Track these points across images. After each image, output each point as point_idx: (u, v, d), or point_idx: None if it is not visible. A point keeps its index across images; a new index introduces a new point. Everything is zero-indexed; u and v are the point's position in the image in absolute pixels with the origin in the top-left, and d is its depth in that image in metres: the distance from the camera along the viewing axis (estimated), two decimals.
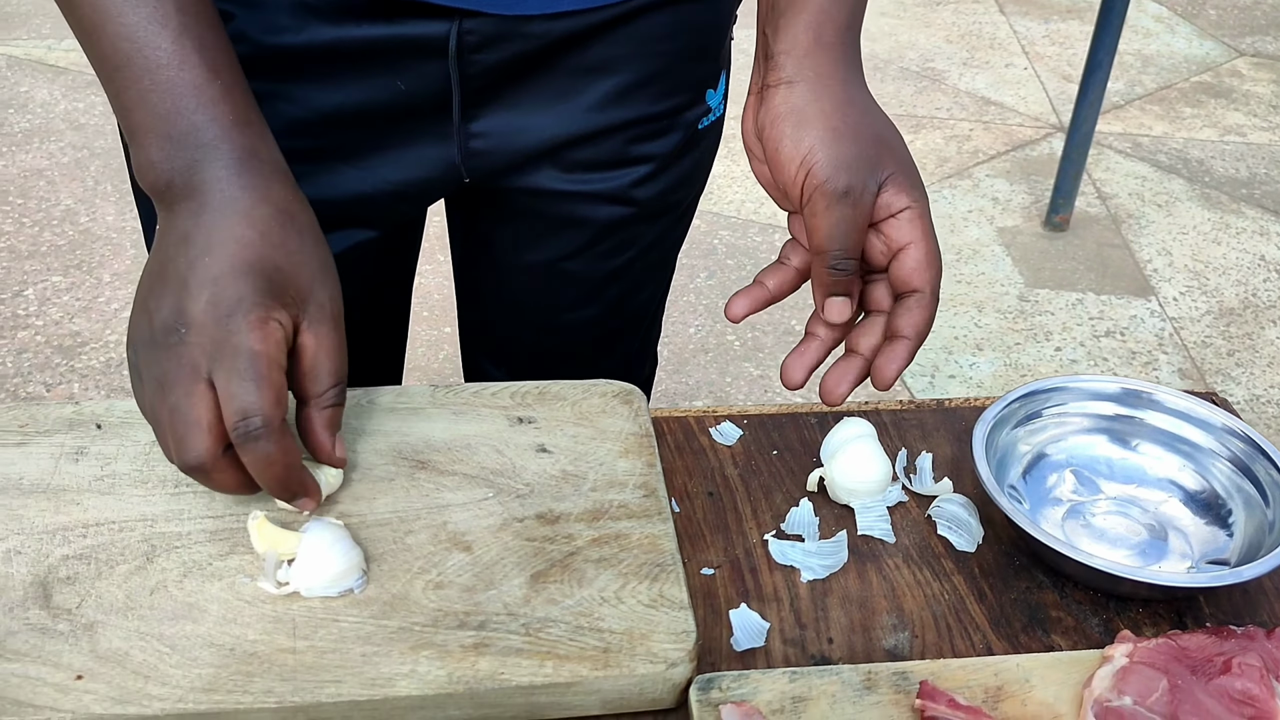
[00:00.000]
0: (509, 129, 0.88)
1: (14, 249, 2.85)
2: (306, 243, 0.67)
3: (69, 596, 0.64)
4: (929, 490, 0.79)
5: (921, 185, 0.74)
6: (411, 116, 0.85)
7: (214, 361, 0.63)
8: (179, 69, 0.65)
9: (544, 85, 0.86)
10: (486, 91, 0.85)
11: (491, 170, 0.90)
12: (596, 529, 0.71)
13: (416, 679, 0.61)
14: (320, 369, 0.67)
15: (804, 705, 0.63)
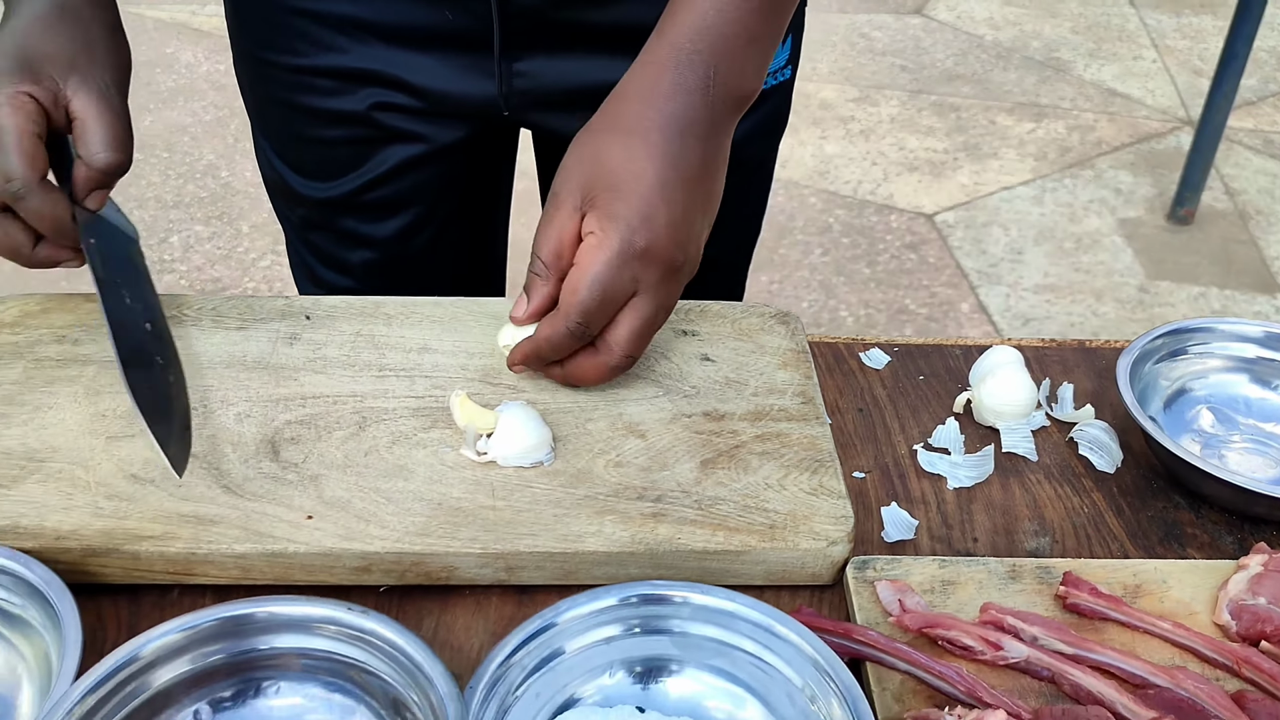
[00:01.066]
0: (550, 71, 0.93)
1: (160, 199, 3.02)
2: (76, 33, 0.78)
3: (294, 454, 0.73)
4: (1070, 417, 0.83)
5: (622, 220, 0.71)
6: (457, 45, 0.92)
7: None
8: None
9: (589, 35, 0.91)
10: (528, 34, 0.91)
11: (530, 108, 0.95)
12: (759, 428, 0.77)
13: (603, 538, 0.68)
14: (88, 131, 0.76)
15: (952, 588, 0.68)
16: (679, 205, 0.72)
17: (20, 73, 0.74)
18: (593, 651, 0.61)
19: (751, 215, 1.13)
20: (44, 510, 0.68)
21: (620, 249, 0.70)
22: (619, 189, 0.71)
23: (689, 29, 0.72)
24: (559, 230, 0.73)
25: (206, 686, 0.59)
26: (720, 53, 0.72)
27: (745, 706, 0.60)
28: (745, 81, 0.75)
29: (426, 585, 0.68)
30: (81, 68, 0.76)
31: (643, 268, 0.71)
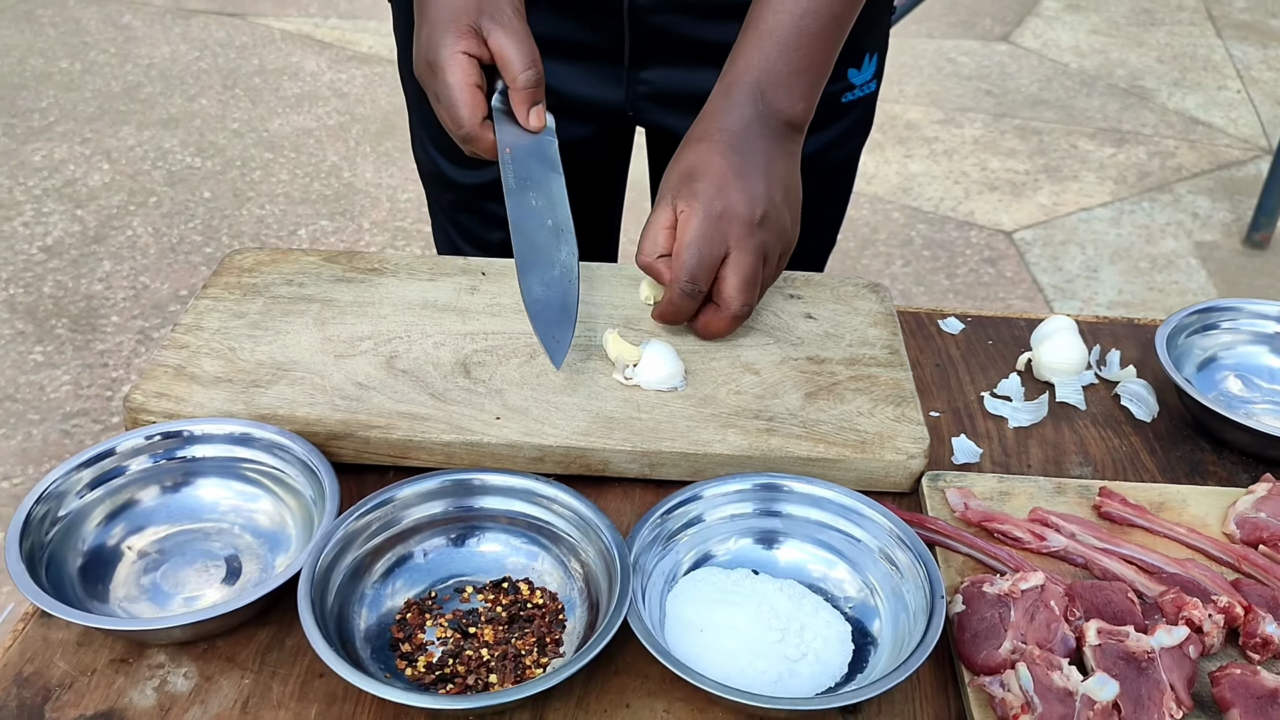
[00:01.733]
0: (669, 79, 1.13)
1: (289, 195, 3.27)
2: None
3: (482, 373, 0.92)
4: (1115, 376, 0.99)
5: (700, 197, 0.90)
6: (592, 57, 1.11)
7: (440, 96, 0.93)
8: None
9: (702, 49, 1.10)
10: (653, 48, 1.10)
11: (651, 110, 1.15)
12: (853, 370, 0.94)
13: (727, 444, 0.85)
14: (509, 62, 0.92)
15: (1008, 498, 0.84)
16: (749, 179, 0.91)
17: (452, 32, 0.91)
18: (725, 521, 0.79)
19: (834, 210, 1.30)
20: (294, 405, 0.87)
21: (704, 214, 0.89)
22: (696, 177, 0.91)
23: (741, 67, 0.94)
24: (653, 224, 0.93)
25: (430, 532, 0.78)
26: (765, 85, 0.94)
27: (836, 568, 0.77)
28: (792, 105, 0.95)
29: (586, 475, 0.86)
30: (488, 9, 0.92)
31: (727, 225, 0.89)
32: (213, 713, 0.69)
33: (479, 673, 0.71)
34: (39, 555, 0.73)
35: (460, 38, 0.91)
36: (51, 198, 3.19)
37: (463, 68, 0.91)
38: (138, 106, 3.69)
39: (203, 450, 0.82)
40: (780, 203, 0.93)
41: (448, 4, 0.93)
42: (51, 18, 4.27)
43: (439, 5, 0.93)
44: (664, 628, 0.74)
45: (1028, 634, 0.71)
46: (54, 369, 2.56)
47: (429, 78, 0.94)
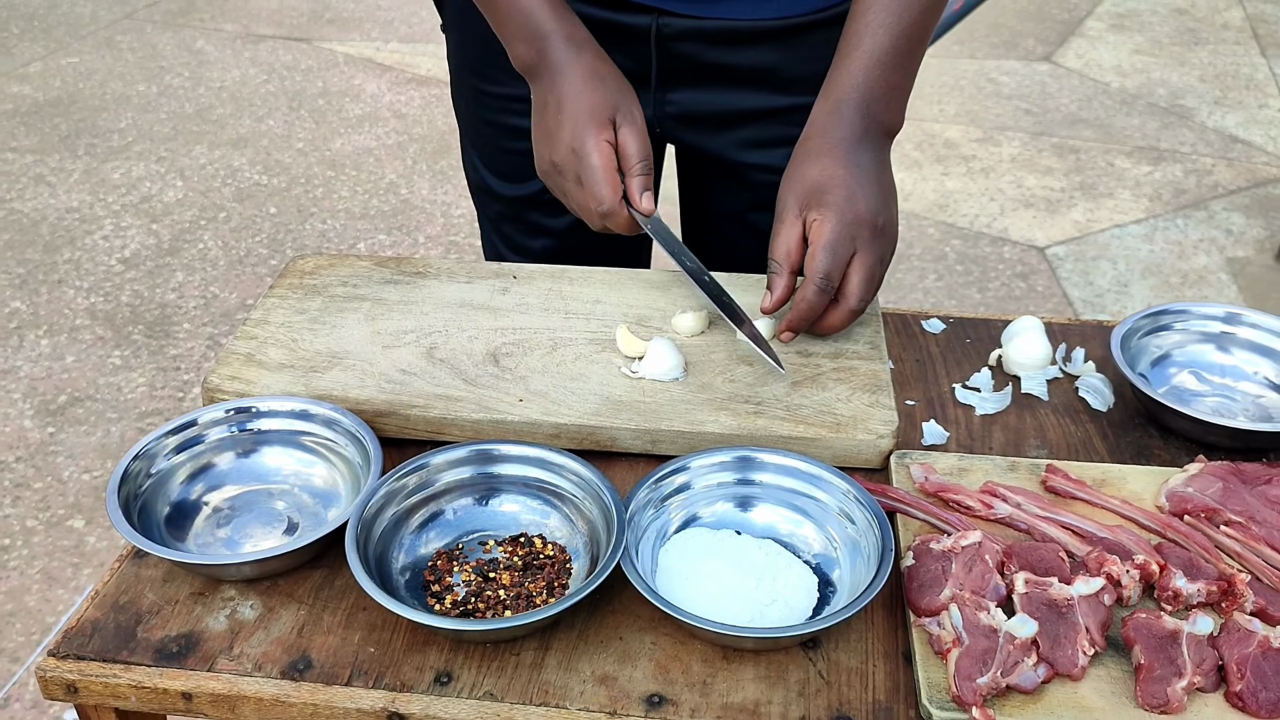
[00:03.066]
0: (694, 102, 1.25)
1: (350, 210, 3.46)
2: (609, 84, 1.09)
3: (509, 362, 1.05)
4: (1078, 371, 1.10)
5: (834, 208, 1.02)
6: None
7: (585, 178, 1.07)
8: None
9: (721, 73, 1.23)
10: (679, 73, 1.23)
11: (678, 129, 1.28)
12: (836, 363, 1.06)
13: (719, 424, 0.98)
14: (630, 153, 1.07)
15: (966, 474, 0.96)
16: (868, 187, 1.04)
17: (597, 124, 1.07)
18: (709, 488, 0.91)
19: None
20: (346, 386, 1.01)
21: (838, 220, 1.02)
22: (825, 189, 1.04)
23: (847, 85, 1.07)
24: (786, 235, 1.04)
25: (459, 493, 0.91)
26: (870, 100, 1.07)
27: (802, 526, 0.90)
28: (891, 116, 1.09)
29: (596, 450, 0.99)
30: (620, 108, 1.08)
31: (857, 229, 1.02)
32: (274, 636, 0.83)
33: (496, 610, 0.84)
34: (133, 505, 0.88)
35: (602, 129, 1.07)
36: (129, 213, 3.40)
37: (606, 154, 1.06)
38: (209, 127, 3.90)
39: (268, 424, 0.96)
40: (892, 208, 1.08)
41: (588, 101, 1.08)
42: (130, 43, 4.52)
43: (578, 102, 1.08)
44: (655, 576, 0.86)
45: (965, 583, 0.82)
46: (130, 371, 2.76)
47: (570, 162, 1.08)
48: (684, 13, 1.18)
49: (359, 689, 0.79)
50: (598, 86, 1.09)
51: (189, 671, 0.80)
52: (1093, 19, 4.94)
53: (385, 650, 0.82)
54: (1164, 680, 0.76)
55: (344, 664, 0.81)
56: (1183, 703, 0.75)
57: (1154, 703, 0.75)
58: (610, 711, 0.78)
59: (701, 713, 0.78)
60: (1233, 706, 0.76)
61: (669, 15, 1.19)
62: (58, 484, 2.42)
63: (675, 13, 1.18)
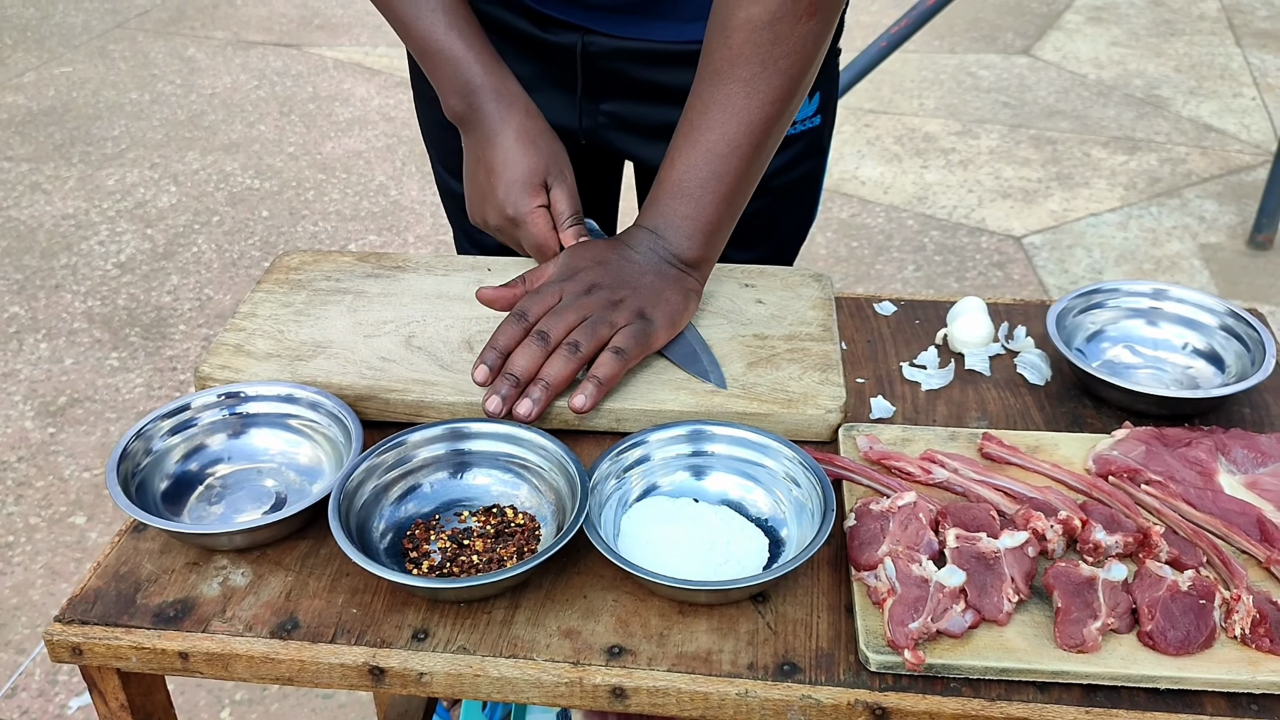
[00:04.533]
0: (619, 114, 1.31)
1: (340, 212, 3.52)
2: (540, 146, 1.15)
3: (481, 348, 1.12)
4: (1018, 347, 1.17)
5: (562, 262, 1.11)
6: (551, 86, 1.30)
7: (517, 241, 1.16)
8: (451, 49, 1.16)
9: (645, 89, 1.28)
10: (604, 87, 1.29)
11: (602, 140, 1.34)
12: (790, 344, 1.13)
13: (678, 402, 1.05)
14: (561, 210, 1.14)
15: (909, 443, 1.03)
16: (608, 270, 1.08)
17: (531, 190, 1.14)
18: (667, 460, 0.98)
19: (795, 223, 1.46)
20: (329, 373, 1.08)
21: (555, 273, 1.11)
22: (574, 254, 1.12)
23: (646, 210, 1.12)
24: None
25: (434, 467, 0.98)
26: (657, 225, 1.10)
27: (752, 491, 0.96)
28: (681, 244, 1.09)
29: (564, 429, 1.06)
30: (551, 170, 1.15)
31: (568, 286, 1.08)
32: (263, 600, 0.90)
33: (470, 573, 0.91)
34: (131, 481, 0.95)
35: (535, 195, 1.14)
36: (124, 218, 3.47)
37: (543, 222, 1.14)
38: (201, 133, 3.97)
39: (257, 407, 1.03)
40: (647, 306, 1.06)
41: (521, 167, 1.14)
42: (122, 52, 4.59)
43: (513, 168, 1.14)
44: (617, 541, 0.93)
45: (901, 540, 0.89)
46: (128, 373, 2.82)
47: (508, 228, 1.16)
48: (608, 32, 1.24)
49: (342, 646, 0.86)
50: (529, 150, 1.14)
51: (185, 633, 0.87)
52: (1071, 12, 5.01)
53: (366, 611, 0.89)
54: (1080, 622, 0.83)
55: (328, 624, 0.88)
56: (1097, 642, 0.82)
57: (1071, 643, 0.82)
58: (574, 662, 0.85)
59: (658, 661, 0.85)
60: (1144, 645, 0.83)
61: (593, 34, 1.25)
62: (59, 482, 2.48)
63: (599, 32, 1.24)
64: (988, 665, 0.82)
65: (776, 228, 1.43)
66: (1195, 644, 0.82)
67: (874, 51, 3.07)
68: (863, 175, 3.71)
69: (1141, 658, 0.82)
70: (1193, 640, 0.82)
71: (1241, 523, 0.92)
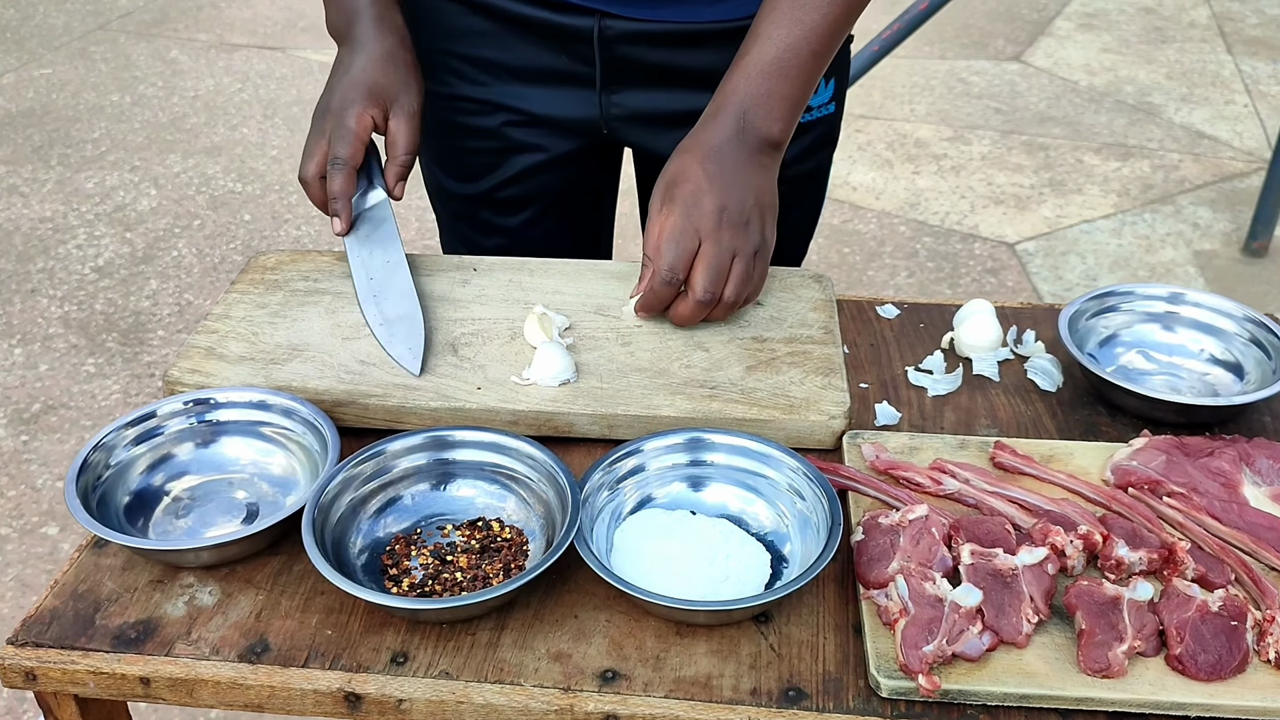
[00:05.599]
0: (640, 102, 1.26)
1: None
2: (399, 72, 1.15)
3: (468, 352, 1.06)
4: (1028, 351, 1.12)
5: (677, 200, 1.05)
6: (568, 82, 1.25)
7: (333, 132, 1.13)
8: None
9: (666, 74, 1.23)
10: (624, 73, 1.24)
11: (625, 128, 1.29)
12: (791, 348, 1.08)
13: (674, 408, 0.99)
14: (397, 140, 1.14)
15: (916, 452, 0.97)
16: (719, 184, 1.05)
17: (368, 98, 1.13)
18: (663, 470, 0.93)
19: (806, 215, 1.43)
20: (306, 378, 1.02)
21: (681, 214, 1.04)
22: (677, 183, 1.06)
23: (728, 91, 1.08)
24: (650, 230, 1.06)
25: (416, 478, 0.92)
26: (748, 107, 1.07)
27: (753, 504, 0.91)
28: (771, 126, 1.08)
29: (554, 436, 1.00)
30: (400, 97, 1.15)
31: (699, 220, 1.03)
32: (232, 621, 0.84)
33: (453, 591, 0.85)
34: (92, 495, 0.89)
35: (373, 105, 1.13)
36: (103, 222, 3.40)
37: (364, 125, 1.13)
38: (183, 136, 3.90)
39: (227, 414, 0.97)
40: (750, 207, 1.07)
41: (372, 77, 1.14)
42: (103, 54, 4.51)
43: (363, 74, 1.14)
44: (610, 556, 0.88)
45: (912, 555, 0.84)
46: (104, 379, 2.75)
47: (324, 120, 1.14)
48: (625, 15, 1.19)
49: (316, 670, 0.80)
50: (387, 69, 1.15)
51: (147, 656, 0.81)
52: (1061, 19, 4.99)
53: (342, 633, 0.83)
54: (1105, 645, 0.78)
55: (301, 646, 0.82)
56: (1123, 666, 0.77)
57: (1096, 667, 0.77)
58: (564, 687, 0.79)
59: (655, 687, 0.79)
60: (1173, 669, 0.78)
61: (611, 17, 1.20)
62: (31, 492, 2.41)
63: (617, 15, 1.19)
64: (1007, 691, 0.77)
65: (785, 223, 1.38)
66: (1227, 669, 0.77)
67: (865, 56, 3.02)
68: (854, 181, 3.67)
69: (1170, 683, 0.77)
70: (1225, 665, 0.77)
71: (1270, 538, 0.87)
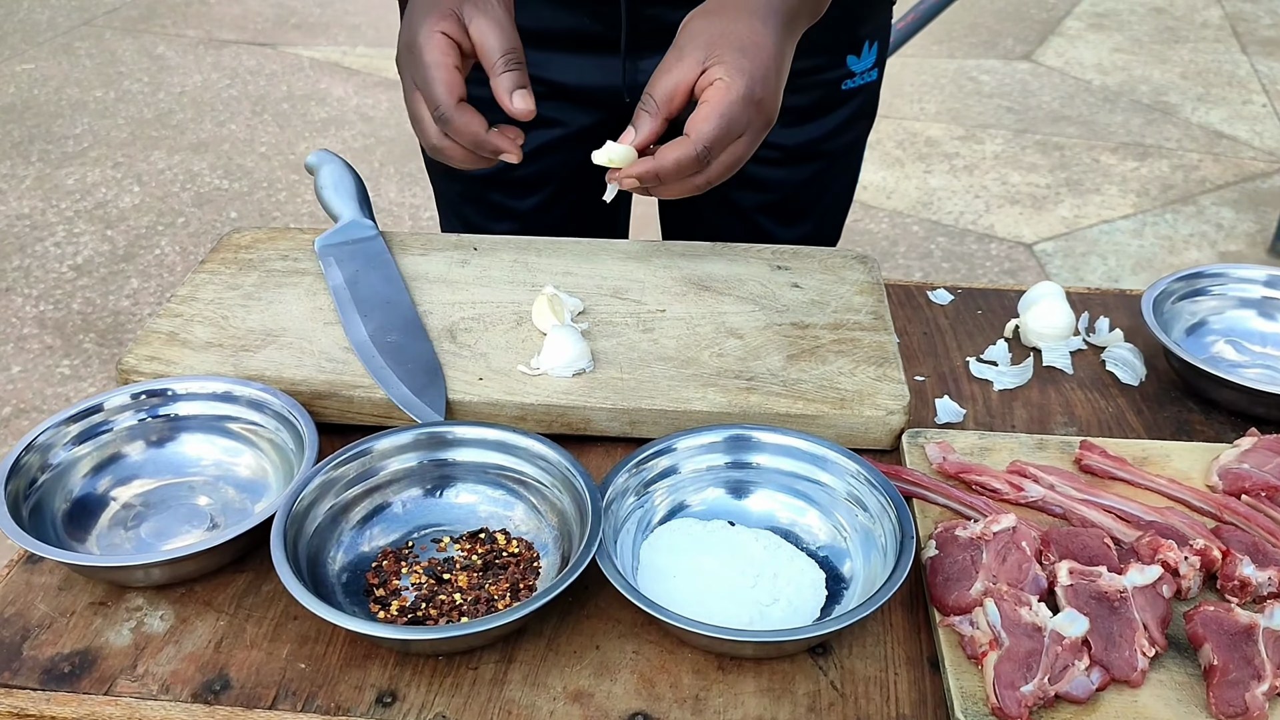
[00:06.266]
0: None
1: (314, 214, 3.32)
2: None
3: (468, 339, 0.93)
4: (1103, 341, 0.98)
5: (747, 73, 0.85)
6: (590, 47, 1.11)
7: (417, 79, 0.90)
8: None
9: None
10: (652, 35, 1.10)
11: None
12: (836, 334, 0.94)
13: (707, 402, 0.86)
14: (488, 46, 0.88)
15: (988, 454, 0.84)
16: (780, 75, 0.89)
17: (433, 15, 0.89)
18: (698, 473, 0.79)
19: (841, 195, 1.31)
20: (281, 367, 0.89)
21: (745, 94, 0.86)
22: (746, 50, 0.87)
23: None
24: (678, 77, 0.87)
25: (407, 482, 0.79)
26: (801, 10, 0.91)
27: (806, 514, 0.77)
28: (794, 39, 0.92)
29: (568, 434, 0.87)
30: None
31: (755, 114, 0.86)
32: (186, 652, 0.70)
33: (451, 616, 0.71)
34: (24, 502, 0.75)
35: (441, 19, 0.89)
36: (83, 219, 3.26)
37: (441, 48, 0.88)
38: (169, 132, 3.76)
39: (186, 407, 0.84)
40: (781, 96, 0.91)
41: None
42: (88, 49, 4.38)
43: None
44: (637, 574, 0.74)
45: (999, 575, 0.70)
46: (80, 381, 2.61)
47: (407, 61, 0.93)
48: None
49: (285, 712, 0.66)
50: None
51: (82, 695, 0.67)
52: (1071, 18, 4.87)
53: (318, 666, 0.69)
54: (1240, 684, 0.64)
55: (268, 683, 0.68)
56: (1264, 711, 0.64)
57: (1230, 711, 0.64)
58: None
59: None
60: None
61: None
62: None
63: None
64: None
65: (824, 198, 1.26)
66: None
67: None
68: (864, 179, 3.54)
69: None
70: None
71: None
